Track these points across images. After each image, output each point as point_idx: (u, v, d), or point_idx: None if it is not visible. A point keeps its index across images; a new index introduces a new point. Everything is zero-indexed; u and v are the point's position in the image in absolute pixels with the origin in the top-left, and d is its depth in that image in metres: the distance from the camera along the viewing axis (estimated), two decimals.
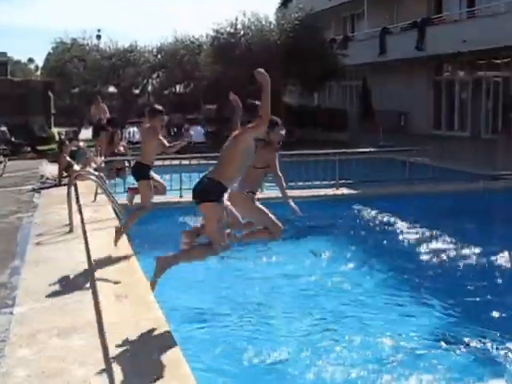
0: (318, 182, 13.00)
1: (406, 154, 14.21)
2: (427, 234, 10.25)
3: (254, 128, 4.97)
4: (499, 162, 14.72)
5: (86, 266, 6.18)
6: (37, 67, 50.86)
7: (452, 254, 9.20)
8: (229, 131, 5.47)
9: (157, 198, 7.79)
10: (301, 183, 12.81)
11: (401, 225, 10.83)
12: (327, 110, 29.71)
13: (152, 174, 7.35)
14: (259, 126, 4.93)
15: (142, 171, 7.19)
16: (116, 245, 6.87)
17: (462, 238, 9.80)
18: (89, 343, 4.26)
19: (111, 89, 34.20)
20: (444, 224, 10.60)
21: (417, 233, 10.36)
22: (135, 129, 25.04)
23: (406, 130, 27.30)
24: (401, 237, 10.25)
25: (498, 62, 24.68)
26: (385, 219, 11.21)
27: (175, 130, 25.65)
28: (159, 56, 33.65)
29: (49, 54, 39.98)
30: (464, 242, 9.52)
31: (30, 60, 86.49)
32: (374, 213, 11.54)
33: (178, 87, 34.23)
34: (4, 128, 19.45)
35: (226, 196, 5.07)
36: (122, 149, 15.07)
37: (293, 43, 23.74)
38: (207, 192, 4.91)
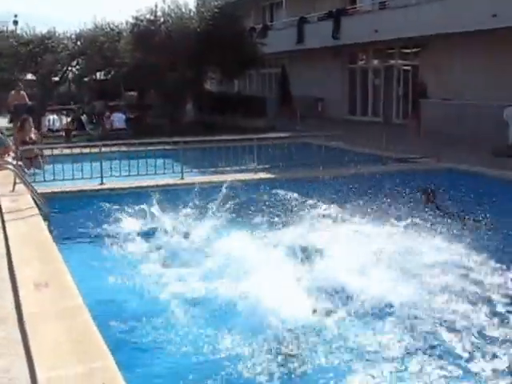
0: (237, 168, 13.11)
1: (322, 138, 14.51)
2: (338, 212, 10.54)
3: None
4: (407, 146, 15.31)
5: (4, 256, 6.03)
6: None
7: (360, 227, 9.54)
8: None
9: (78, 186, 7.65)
10: (221, 168, 12.92)
11: (312, 204, 11.09)
12: (247, 97, 29.87)
13: None
14: None
15: None
16: None
17: (367, 213, 10.12)
18: (9, 334, 4.18)
19: (29, 76, 33.05)
20: (352, 203, 10.93)
21: (328, 211, 10.64)
22: (55, 116, 24.44)
23: (323, 116, 27.79)
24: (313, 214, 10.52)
25: (408, 51, 25.45)
26: (300, 200, 11.44)
27: (96, 117, 25.14)
28: (78, 43, 32.73)
29: None
30: (371, 218, 9.86)
31: None
32: (290, 195, 11.73)
33: (98, 74, 33.45)
34: None
35: None
36: (33, 136, 14.67)
37: (212, 31, 23.65)
38: None
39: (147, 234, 9.23)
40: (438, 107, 21.14)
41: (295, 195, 10.85)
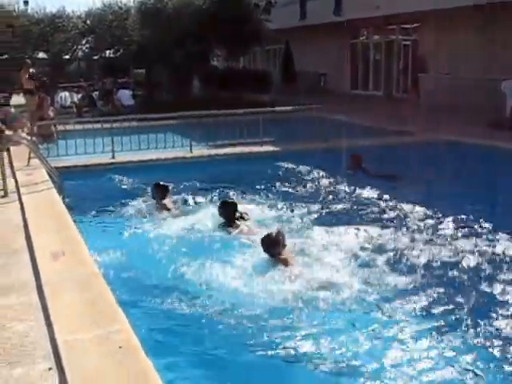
0: (243, 140, 13.10)
1: (324, 111, 14.45)
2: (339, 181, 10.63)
3: None
4: (406, 119, 15.24)
5: (22, 228, 6.05)
6: None
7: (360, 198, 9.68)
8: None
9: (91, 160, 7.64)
10: (227, 141, 12.93)
11: (316, 175, 11.16)
12: (252, 72, 29.64)
13: None
14: None
15: None
16: None
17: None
18: (28, 301, 4.21)
19: (41, 54, 32.90)
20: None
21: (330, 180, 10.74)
22: (66, 93, 24.35)
23: (326, 90, 27.60)
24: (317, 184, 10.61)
25: (408, 26, 25.16)
26: (303, 171, 11.49)
27: (106, 94, 25.01)
28: (88, 22, 32.53)
29: None
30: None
31: None
32: (295, 167, 11.77)
33: (107, 52, 33.28)
34: None
35: None
36: (51, 114, 14.70)
37: (217, 8, 23.41)
38: None
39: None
40: (436, 81, 20.94)
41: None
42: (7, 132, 12.17)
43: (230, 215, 7.89)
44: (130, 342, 3.46)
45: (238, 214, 7.93)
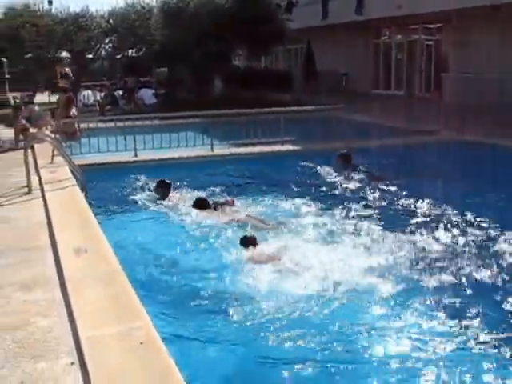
0: (265, 140, 13.10)
1: (345, 111, 14.37)
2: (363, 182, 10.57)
3: None
4: (428, 119, 15.11)
5: (45, 224, 6.11)
6: None
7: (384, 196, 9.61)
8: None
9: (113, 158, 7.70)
10: (248, 141, 12.94)
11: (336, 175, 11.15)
12: (273, 72, 29.62)
13: None
14: None
15: None
16: None
17: (395, 184, 10.13)
18: (51, 297, 4.25)
19: (64, 53, 33.21)
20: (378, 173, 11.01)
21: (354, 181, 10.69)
22: (89, 92, 24.56)
23: (347, 90, 27.47)
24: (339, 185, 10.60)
25: (431, 26, 24.96)
26: (324, 171, 11.46)
27: (128, 92, 25.18)
28: (111, 21, 32.76)
29: None
30: (398, 189, 9.89)
31: None
32: (315, 166, 11.75)
33: (130, 51, 33.49)
34: None
35: None
36: (75, 112, 14.84)
37: (239, 8, 23.42)
38: None
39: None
40: (460, 81, 20.75)
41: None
42: (31, 130, 12.35)
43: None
44: (152, 338, 3.48)
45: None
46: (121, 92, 24.80)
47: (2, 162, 10.69)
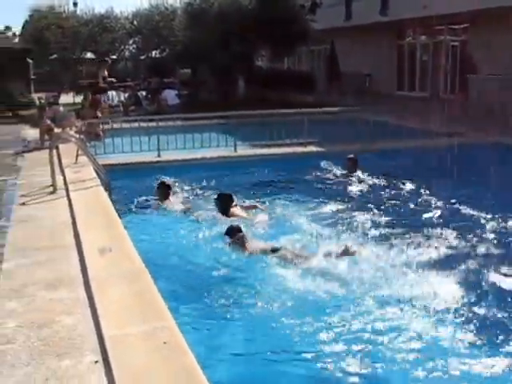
0: (288, 141, 13.07)
1: (369, 112, 14.27)
2: (387, 185, 10.47)
3: None
4: (454, 120, 14.94)
5: (70, 223, 6.17)
6: (14, 35, 49.46)
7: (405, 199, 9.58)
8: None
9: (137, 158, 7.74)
10: (272, 142, 12.94)
11: (363, 177, 11.06)
12: (296, 73, 29.57)
13: None
14: None
15: None
16: None
17: (418, 188, 10.03)
18: (76, 295, 4.29)
19: (89, 55, 33.52)
20: (401, 176, 10.87)
21: (378, 184, 10.59)
22: (113, 92, 24.73)
23: (371, 91, 27.31)
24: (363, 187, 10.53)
25: (457, 27, 24.70)
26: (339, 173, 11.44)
27: (152, 93, 25.29)
28: (135, 22, 32.99)
29: (26, 21, 38.79)
30: (421, 192, 9.80)
31: (7, 28, 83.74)
32: (337, 168, 11.69)
33: (154, 52, 33.68)
34: None
35: None
36: (99, 113, 14.99)
37: (263, 8, 23.41)
38: None
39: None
40: (485, 83, 20.50)
41: None
42: (56, 130, 12.50)
43: (225, 207, 8.36)
44: (175, 338, 3.49)
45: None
46: (144, 93, 24.91)
47: (28, 162, 10.82)
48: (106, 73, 21.04)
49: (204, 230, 7.78)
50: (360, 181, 10.84)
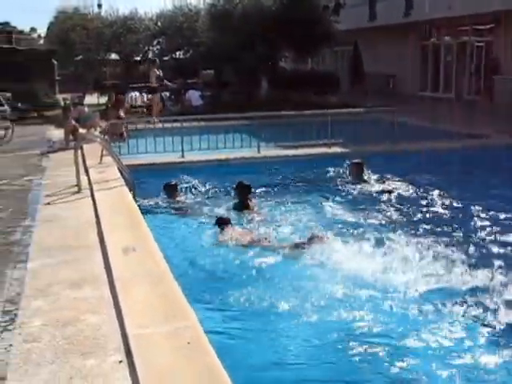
0: (313, 142, 13.01)
1: (393, 114, 14.13)
2: (412, 186, 10.36)
3: None
4: (479, 122, 14.75)
5: (94, 223, 6.20)
6: (39, 36, 50.05)
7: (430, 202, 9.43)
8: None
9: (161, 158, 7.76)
10: (295, 143, 12.90)
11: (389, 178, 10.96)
12: (320, 74, 29.42)
13: None
14: None
15: None
16: None
17: (443, 190, 9.92)
18: (100, 294, 4.31)
19: (113, 56, 33.74)
20: (425, 178, 10.75)
21: (404, 186, 10.48)
22: (137, 93, 24.87)
23: (395, 92, 27.16)
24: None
25: (481, 27, 24.42)
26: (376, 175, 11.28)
27: (172, 95, 25.36)
28: (159, 23, 33.12)
29: (51, 23, 39.21)
30: (445, 194, 9.69)
31: (33, 29, 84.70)
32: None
33: (177, 53, 33.77)
34: (9, 94, 19.15)
35: None
36: (122, 114, 15.09)
37: (286, 9, 23.37)
38: None
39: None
40: (510, 84, 20.24)
41: None
42: (81, 130, 12.60)
43: (244, 197, 8.86)
44: (199, 338, 3.49)
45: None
46: (168, 93, 24.99)
47: (53, 162, 10.92)
48: (158, 72, 21.18)
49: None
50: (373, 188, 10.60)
